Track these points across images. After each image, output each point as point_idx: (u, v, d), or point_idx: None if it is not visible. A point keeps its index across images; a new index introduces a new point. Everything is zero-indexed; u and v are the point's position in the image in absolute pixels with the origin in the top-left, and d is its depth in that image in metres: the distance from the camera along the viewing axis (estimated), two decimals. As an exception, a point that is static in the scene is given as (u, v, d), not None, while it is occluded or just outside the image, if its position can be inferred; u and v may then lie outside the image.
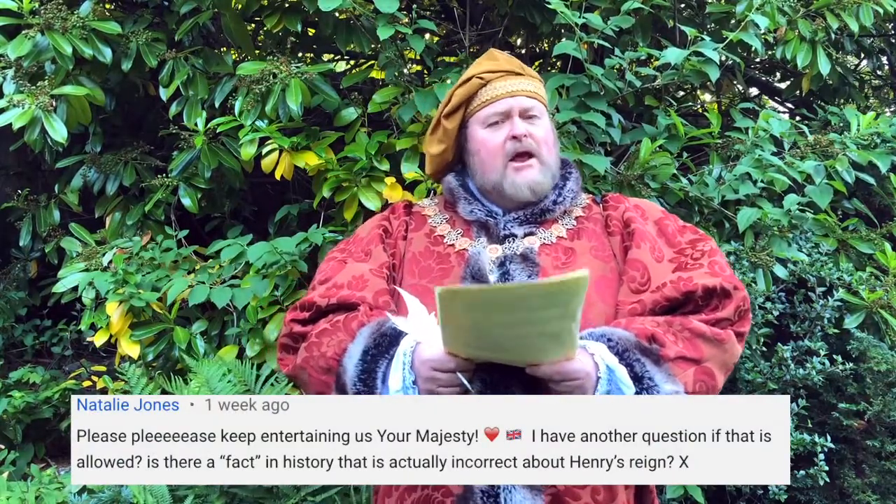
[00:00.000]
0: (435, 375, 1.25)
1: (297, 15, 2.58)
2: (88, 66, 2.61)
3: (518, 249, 1.40)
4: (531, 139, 1.42)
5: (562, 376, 1.21)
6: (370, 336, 1.31)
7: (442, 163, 1.54)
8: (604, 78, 2.33)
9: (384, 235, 1.50)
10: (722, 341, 1.31)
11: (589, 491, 1.29)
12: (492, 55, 1.53)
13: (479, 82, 1.46)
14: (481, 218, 1.45)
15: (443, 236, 1.47)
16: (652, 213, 1.48)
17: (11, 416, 3.00)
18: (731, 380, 2.42)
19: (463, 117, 1.48)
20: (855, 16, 2.79)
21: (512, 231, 1.43)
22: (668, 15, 2.80)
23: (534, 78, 1.50)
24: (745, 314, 1.37)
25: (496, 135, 1.43)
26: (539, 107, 1.47)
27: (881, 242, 2.63)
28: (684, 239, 1.43)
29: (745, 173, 2.39)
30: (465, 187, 1.50)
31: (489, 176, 1.44)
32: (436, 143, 1.52)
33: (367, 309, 1.35)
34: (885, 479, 2.44)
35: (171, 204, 2.77)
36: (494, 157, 1.43)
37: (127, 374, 2.33)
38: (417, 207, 1.57)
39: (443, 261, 1.43)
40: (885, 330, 2.41)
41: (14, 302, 3.55)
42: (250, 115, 2.43)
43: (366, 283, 1.40)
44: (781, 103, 4.04)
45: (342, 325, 1.34)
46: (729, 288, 1.34)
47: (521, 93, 1.45)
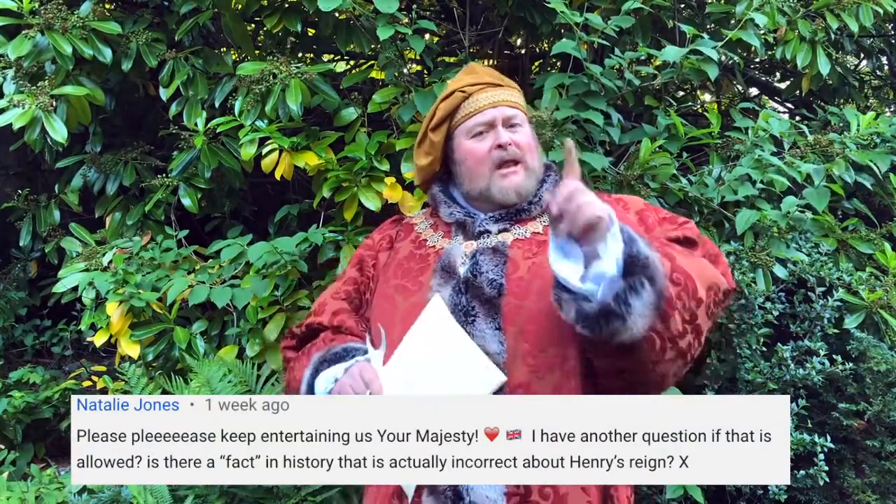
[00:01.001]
0: (360, 378, 1.36)
1: (297, 15, 2.58)
2: (88, 66, 2.61)
3: (490, 243, 1.45)
4: (515, 147, 1.48)
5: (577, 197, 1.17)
6: (318, 359, 1.47)
7: (430, 173, 1.61)
8: (603, 77, 2.33)
9: (364, 252, 1.63)
10: (693, 255, 1.35)
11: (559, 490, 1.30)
12: (472, 69, 1.60)
13: (462, 95, 1.52)
14: (460, 219, 1.52)
15: (426, 240, 1.54)
16: (634, 205, 1.52)
17: (11, 416, 3.00)
18: (731, 380, 2.42)
19: (448, 129, 1.54)
20: (855, 16, 2.79)
21: (487, 228, 1.48)
22: (667, 15, 2.80)
23: (513, 88, 1.56)
24: (717, 258, 1.42)
25: (481, 144, 1.49)
26: (520, 115, 1.53)
27: (881, 242, 2.63)
28: (662, 229, 1.46)
29: (744, 174, 2.39)
30: (446, 193, 1.58)
31: (476, 183, 1.50)
32: (423, 156, 1.58)
33: (327, 334, 1.52)
34: (885, 479, 2.44)
35: (171, 204, 2.77)
36: (481, 166, 1.49)
37: (127, 374, 2.33)
38: (407, 219, 1.66)
39: (421, 260, 1.50)
40: (884, 330, 2.41)
41: (14, 302, 3.55)
42: (250, 115, 2.43)
43: (324, 308, 1.57)
44: (781, 103, 4.04)
45: (306, 352, 1.52)
46: (693, 237, 1.40)
47: (503, 103, 1.51)
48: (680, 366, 1.30)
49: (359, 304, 1.58)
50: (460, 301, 1.38)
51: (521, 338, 1.35)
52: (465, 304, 1.38)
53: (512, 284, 1.39)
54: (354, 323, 1.54)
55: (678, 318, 1.24)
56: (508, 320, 1.36)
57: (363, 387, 1.34)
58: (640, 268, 1.19)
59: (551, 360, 1.34)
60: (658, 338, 1.23)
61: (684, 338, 1.26)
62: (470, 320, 1.37)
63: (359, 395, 1.33)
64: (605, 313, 1.18)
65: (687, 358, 1.29)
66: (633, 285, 1.19)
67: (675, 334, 1.24)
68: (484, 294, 1.38)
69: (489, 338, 1.35)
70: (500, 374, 1.31)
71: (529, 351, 1.34)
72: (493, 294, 1.38)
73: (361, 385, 1.35)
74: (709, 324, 1.32)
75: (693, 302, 1.26)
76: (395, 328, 1.42)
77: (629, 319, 1.18)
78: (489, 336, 1.35)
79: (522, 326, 1.35)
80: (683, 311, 1.24)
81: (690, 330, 1.27)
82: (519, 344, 1.34)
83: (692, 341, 1.28)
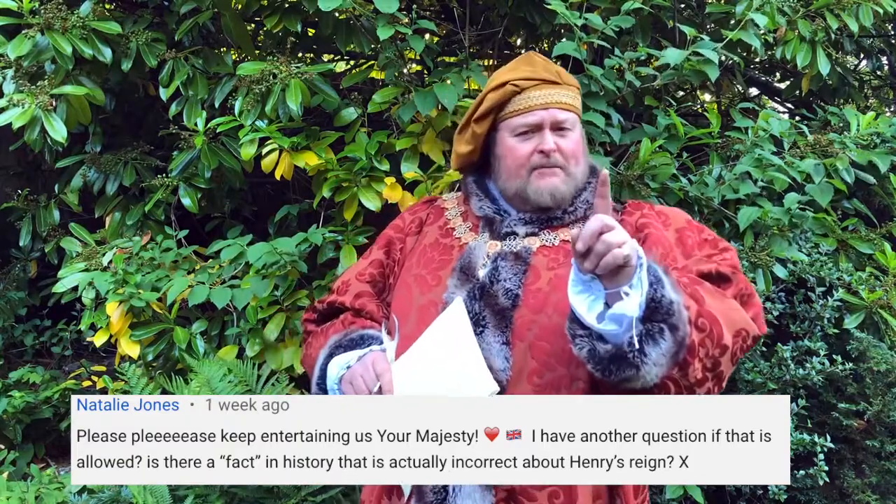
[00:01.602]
0: (372, 368, 1.34)
1: (297, 15, 2.58)
2: (88, 66, 2.61)
3: (515, 247, 1.41)
4: (559, 154, 1.41)
5: (609, 227, 1.11)
6: (334, 342, 1.46)
7: (468, 161, 1.55)
8: (603, 78, 2.33)
9: (393, 233, 1.59)
10: (724, 296, 1.27)
11: (546, 494, 1.28)
12: (530, 59, 1.49)
13: (513, 89, 1.43)
14: (489, 214, 1.47)
15: (454, 229, 1.50)
16: (676, 222, 1.44)
17: (11, 416, 3.00)
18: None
19: (493, 121, 1.47)
20: (855, 16, 2.78)
21: (514, 229, 1.43)
22: (667, 15, 2.80)
23: (571, 86, 1.47)
24: (749, 299, 1.33)
25: (525, 145, 1.42)
26: (572, 118, 1.45)
27: (881, 242, 2.63)
28: (702, 253, 1.38)
29: (744, 172, 2.39)
30: (480, 185, 1.52)
31: (512, 182, 1.44)
32: (464, 144, 1.52)
33: (347, 315, 1.51)
34: (884, 479, 2.44)
35: (171, 204, 2.77)
36: (520, 167, 1.42)
37: (127, 374, 2.33)
38: (440, 201, 1.61)
39: (445, 252, 1.46)
40: (884, 330, 2.41)
41: (14, 302, 3.55)
42: (250, 115, 2.43)
43: (348, 287, 1.55)
44: (781, 103, 4.04)
45: (324, 331, 1.52)
46: (727, 273, 1.31)
47: (555, 105, 1.43)
48: None
49: (382, 288, 1.55)
50: (472, 308, 1.34)
51: (530, 354, 1.31)
52: (476, 313, 1.34)
53: (528, 296, 1.34)
54: (375, 307, 1.51)
55: (698, 367, 1.18)
56: (518, 335, 1.32)
57: (374, 378, 1.33)
58: (663, 314, 1.13)
59: (559, 381, 1.30)
60: (673, 385, 1.19)
61: (703, 385, 1.22)
62: (479, 331, 1.32)
63: (369, 385, 1.32)
64: (618, 358, 1.14)
65: None
66: (651, 332, 1.13)
67: (692, 382, 1.19)
68: (497, 304, 1.34)
69: (495, 352, 1.31)
70: (492, 385, 1.28)
71: (536, 370, 1.30)
72: (507, 305, 1.34)
73: (373, 376, 1.33)
74: (732, 369, 1.27)
75: (717, 350, 1.20)
76: (409, 321, 1.40)
77: (643, 369, 1.13)
78: (496, 350, 1.31)
79: (532, 342, 1.31)
80: (706, 359, 1.19)
81: (711, 377, 1.22)
82: (526, 361, 1.31)
83: (711, 388, 1.24)
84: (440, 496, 1.29)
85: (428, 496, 1.30)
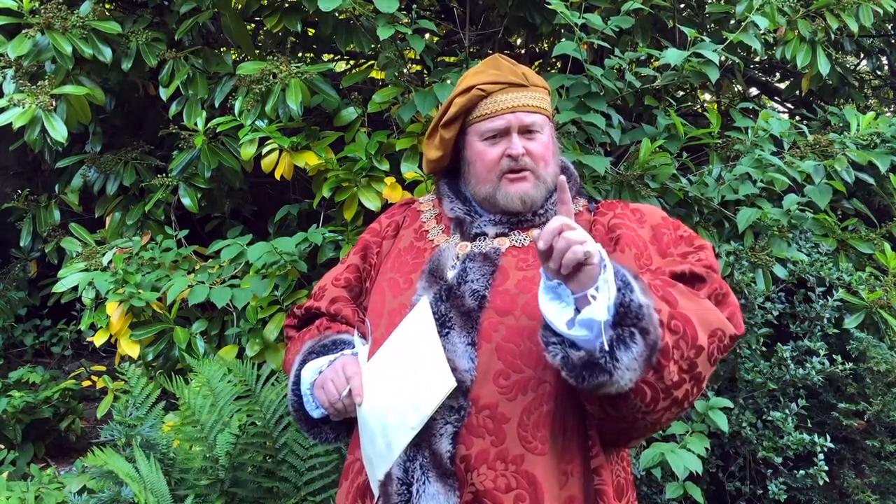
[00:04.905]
0: (342, 372, 1.35)
1: (297, 15, 2.58)
2: (88, 66, 2.62)
3: (484, 248, 1.40)
4: (528, 157, 1.40)
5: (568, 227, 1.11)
6: (308, 348, 1.48)
7: (438, 166, 1.54)
8: (603, 78, 2.32)
9: (370, 238, 1.59)
10: (698, 297, 1.25)
11: (512, 497, 1.25)
12: (496, 62, 1.48)
13: (480, 94, 1.42)
14: (459, 215, 1.47)
15: (428, 231, 1.50)
16: (651, 218, 1.42)
17: (11, 416, 3.00)
18: (730, 379, 2.42)
19: (461, 126, 1.46)
20: (854, 16, 2.78)
21: (483, 230, 1.43)
22: (667, 15, 2.80)
23: (538, 88, 1.45)
24: (725, 298, 1.31)
25: (493, 149, 1.41)
26: (540, 120, 1.43)
27: (881, 242, 2.63)
28: (677, 251, 1.36)
29: (744, 173, 2.39)
30: (452, 187, 1.51)
31: (482, 187, 1.43)
32: (433, 149, 1.51)
33: (322, 320, 1.53)
34: (884, 479, 2.44)
35: (171, 204, 2.77)
36: (489, 172, 1.41)
37: (127, 373, 2.33)
38: (417, 204, 1.60)
39: (418, 255, 1.46)
40: (884, 330, 2.41)
41: (14, 302, 3.55)
42: (250, 114, 2.43)
43: (324, 293, 1.57)
44: (781, 103, 4.04)
45: (300, 337, 1.54)
46: (701, 273, 1.29)
47: (522, 108, 1.41)
48: (675, 413, 1.24)
49: (358, 293, 1.55)
50: (438, 309, 1.33)
51: (496, 356, 1.29)
52: (443, 314, 1.33)
53: (496, 297, 1.33)
54: (351, 312, 1.52)
55: (674, 369, 1.17)
56: (485, 336, 1.30)
57: (344, 381, 1.34)
58: (633, 318, 1.12)
59: (525, 383, 1.28)
60: (650, 389, 1.17)
61: (681, 387, 1.20)
62: (444, 332, 1.31)
63: (339, 389, 1.33)
64: (591, 365, 1.13)
65: (684, 405, 1.23)
66: (622, 337, 1.12)
67: (669, 385, 1.18)
68: (464, 305, 1.33)
69: (460, 353, 1.29)
70: (450, 380, 1.26)
71: (502, 371, 1.28)
72: (474, 306, 1.32)
73: (343, 379, 1.34)
74: (711, 370, 1.25)
75: (692, 351, 1.18)
76: (381, 324, 1.41)
77: (615, 374, 1.12)
78: (460, 351, 1.29)
79: (499, 344, 1.29)
80: (681, 361, 1.17)
81: (689, 379, 1.20)
82: (492, 362, 1.29)
83: (690, 389, 1.22)
84: (404, 497, 1.28)
85: (393, 498, 1.29)
